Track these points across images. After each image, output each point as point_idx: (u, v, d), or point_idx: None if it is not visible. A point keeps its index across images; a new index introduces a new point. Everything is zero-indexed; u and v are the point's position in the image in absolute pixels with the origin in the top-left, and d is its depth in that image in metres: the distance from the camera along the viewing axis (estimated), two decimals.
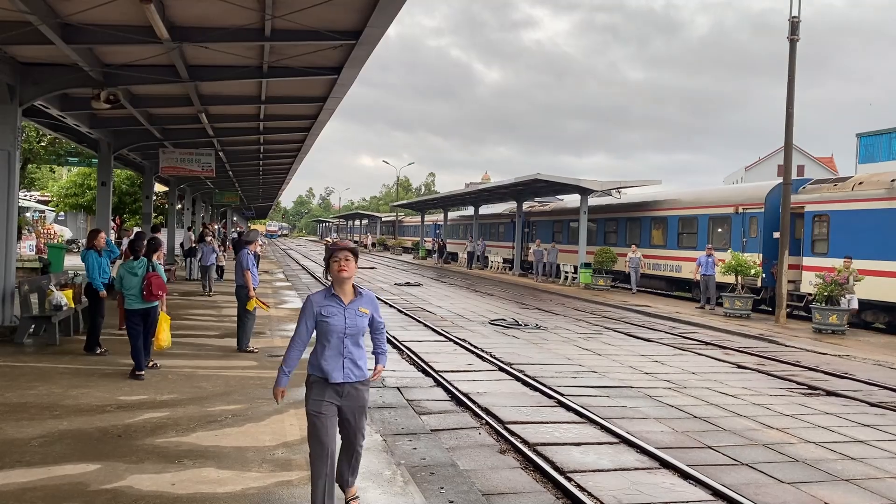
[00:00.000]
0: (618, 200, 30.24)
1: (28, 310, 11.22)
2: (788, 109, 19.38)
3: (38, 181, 46.23)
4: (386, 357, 5.22)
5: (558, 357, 12.83)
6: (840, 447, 7.75)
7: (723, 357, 13.59)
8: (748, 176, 68.47)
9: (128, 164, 24.59)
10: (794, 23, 19.21)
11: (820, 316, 17.24)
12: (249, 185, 40.80)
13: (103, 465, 5.74)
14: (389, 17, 9.43)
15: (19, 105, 11.35)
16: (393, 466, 6.07)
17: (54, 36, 9.41)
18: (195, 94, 13.95)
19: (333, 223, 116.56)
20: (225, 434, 6.75)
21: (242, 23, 9.90)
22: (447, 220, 53.06)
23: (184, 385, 8.73)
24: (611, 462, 6.97)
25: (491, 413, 8.58)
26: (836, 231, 19.15)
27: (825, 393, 10.57)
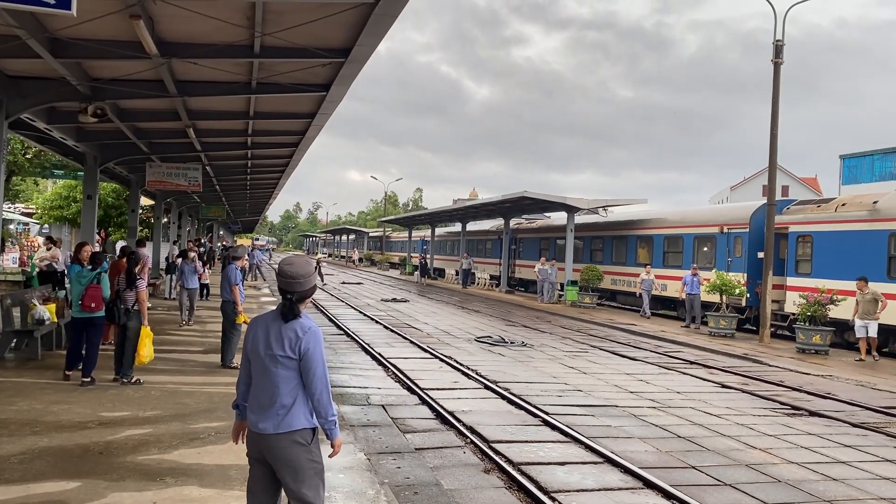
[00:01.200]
0: (604, 219, 30.43)
1: (10, 324, 11.11)
2: (773, 131, 19.61)
3: (23, 193, 45.91)
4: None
5: (544, 375, 12.84)
6: (822, 468, 7.79)
7: (707, 376, 13.65)
8: (733, 196, 69.05)
9: (114, 177, 24.49)
10: (779, 46, 19.49)
11: (803, 336, 17.36)
12: (236, 200, 40.71)
13: (84, 483, 5.68)
14: (379, 35, 9.50)
15: (6, 118, 11.30)
16: (377, 486, 6.05)
17: (43, 50, 9.40)
18: (183, 109, 13.95)
19: (321, 238, 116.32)
20: (207, 451, 6.70)
21: (232, 40, 9.94)
22: (434, 236, 53.11)
23: (167, 401, 8.67)
24: (595, 482, 6.98)
25: (476, 432, 8.57)
26: (819, 252, 19.33)
27: (808, 413, 10.64)
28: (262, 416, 3.76)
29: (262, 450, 3.77)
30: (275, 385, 3.77)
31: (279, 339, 3.78)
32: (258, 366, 3.83)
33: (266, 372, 3.79)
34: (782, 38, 19.47)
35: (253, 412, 3.82)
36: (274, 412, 3.75)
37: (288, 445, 3.74)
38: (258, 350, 3.82)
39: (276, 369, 3.77)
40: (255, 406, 3.82)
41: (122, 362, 9.61)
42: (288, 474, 3.75)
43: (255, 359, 3.85)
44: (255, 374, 3.86)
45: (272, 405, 3.76)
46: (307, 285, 3.87)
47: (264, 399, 3.78)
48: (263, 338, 3.82)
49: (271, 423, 3.74)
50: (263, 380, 3.80)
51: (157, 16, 9.14)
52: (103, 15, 8.47)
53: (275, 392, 3.76)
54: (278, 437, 3.73)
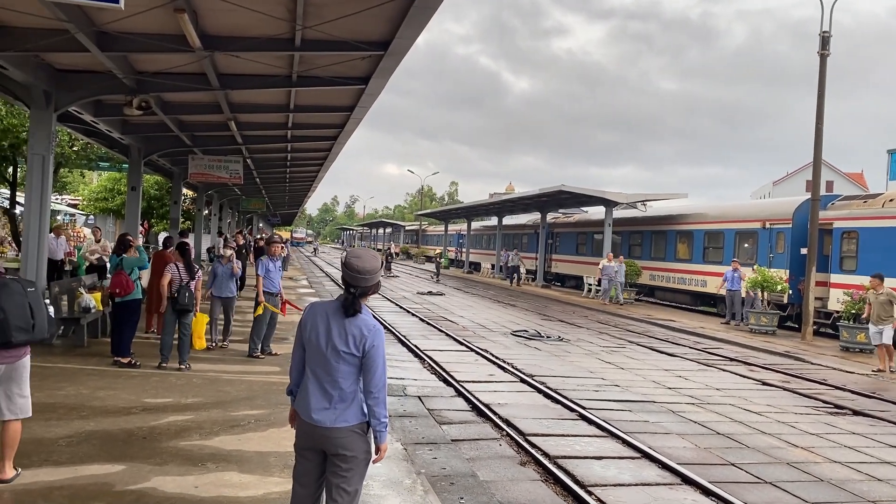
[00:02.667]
0: (643, 213, 30.07)
1: (58, 311, 11.41)
2: (818, 125, 19.19)
3: (70, 185, 47.01)
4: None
5: (580, 370, 12.78)
6: (866, 468, 7.63)
7: (747, 373, 13.45)
8: (776, 191, 67.72)
9: (157, 169, 24.93)
10: (825, 37, 19.05)
11: (847, 334, 16.99)
12: (276, 192, 41.16)
13: (128, 467, 5.82)
14: (418, 28, 9.51)
15: (54, 111, 11.57)
16: (413, 475, 6.09)
17: (90, 44, 9.60)
18: (225, 102, 14.14)
19: (357, 231, 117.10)
20: (248, 438, 6.81)
21: (273, 33, 10.03)
22: (470, 230, 53.09)
23: (208, 389, 8.83)
24: (632, 477, 6.93)
25: (512, 424, 8.57)
26: (865, 248, 18.87)
27: (852, 412, 10.42)
28: (319, 409, 3.72)
29: (317, 440, 3.74)
30: (334, 379, 3.72)
31: (342, 335, 3.71)
32: (318, 358, 3.76)
33: (326, 365, 3.74)
34: (829, 29, 19.03)
35: (308, 403, 3.76)
36: (332, 406, 3.72)
37: (346, 436, 3.71)
38: (319, 342, 3.75)
39: (337, 364, 3.72)
40: (312, 397, 3.75)
41: (181, 350, 9.92)
42: (341, 463, 3.71)
43: (314, 350, 3.77)
44: (312, 365, 3.79)
45: (331, 398, 3.73)
46: (372, 281, 3.77)
47: (322, 391, 3.74)
48: (325, 330, 3.75)
49: (329, 417, 3.71)
50: (322, 372, 3.75)
51: (200, 9, 9.27)
52: (149, 8, 8.62)
53: (334, 386, 3.73)
54: (337, 430, 3.71)
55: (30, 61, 10.71)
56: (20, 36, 9.70)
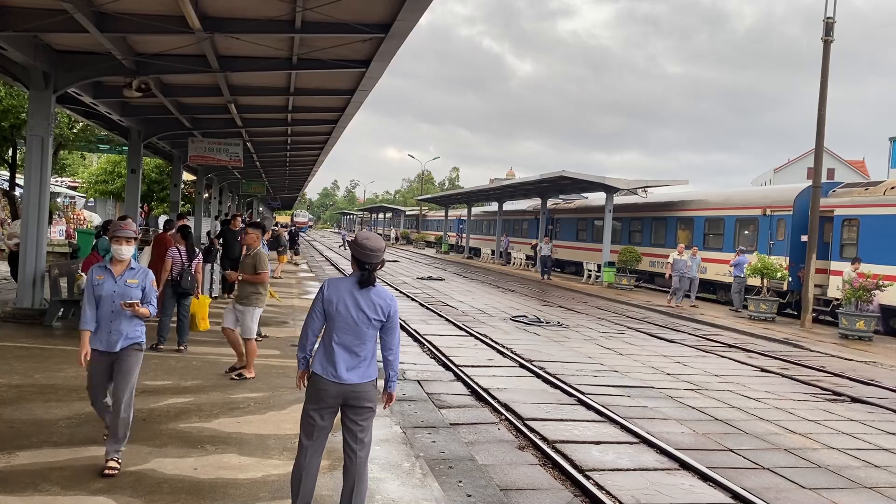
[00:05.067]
0: (644, 199, 30.01)
1: (57, 293, 11.42)
2: (821, 111, 19.12)
3: (69, 167, 46.91)
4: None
5: (579, 355, 12.80)
6: (864, 454, 7.66)
7: (746, 360, 13.47)
8: (777, 178, 67.61)
9: (157, 152, 24.86)
10: (829, 24, 18.93)
11: (846, 321, 17.01)
12: (276, 176, 41.06)
13: (128, 448, 5.81)
14: (420, 10, 9.43)
15: (53, 92, 11.53)
16: (412, 458, 6.10)
17: (89, 24, 9.54)
18: (225, 85, 14.06)
19: (357, 216, 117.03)
20: (247, 421, 6.83)
21: (273, 14, 9.97)
22: (471, 216, 53.04)
23: (207, 371, 8.84)
24: (630, 462, 6.96)
25: (510, 409, 8.59)
26: (865, 236, 18.85)
27: (850, 399, 10.44)
28: (350, 368, 4.34)
29: (345, 396, 4.34)
30: (363, 342, 4.37)
31: (370, 305, 4.36)
32: (348, 326, 4.35)
33: (357, 330, 4.35)
34: (833, 14, 18.91)
35: (337, 365, 4.32)
36: (359, 364, 4.37)
37: (370, 389, 4.41)
38: (350, 313, 4.35)
39: (367, 329, 4.37)
40: (340, 360, 4.33)
41: (180, 332, 9.94)
42: (363, 415, 4.40)
43: (343, 320, 4.35)
44: (340, 332, 4.35)
45: (359, 357, 4.37)
46: (381, 257, 4.43)
47: (351, 354, 4.35)
48: (353, 303, 4.35)
49: (357, 374, 4.35)
50: (351, 337, 4.35)
51: None
52: None
53: (362, 347, 4.37)
54: (364, 384, 4.38)
55: (29, 42, 10.64)
56: (19, 16, 9.64)
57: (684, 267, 22.41)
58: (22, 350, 9.33)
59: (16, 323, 11.10)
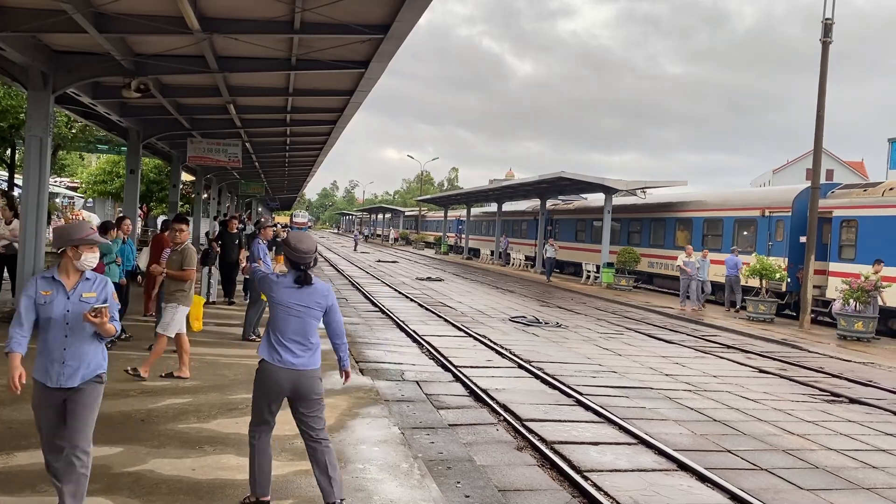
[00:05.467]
0: (643, 200, 30.03)
1: None
2: (819, 113, 19.14)
3: (68, 168, 46.88)
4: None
5: (578, 356, 12.80)
6: (862, 455, 7.66)
7: (745, 361, 13.48)
8: (776, 179, 67.64)
9: (156, 152, 24.85)
10: (828, 25, 18.95)
11: (845, 322, 17.02)
12: (275, 177, 41.04)
13: (126, 449, 5.84)
14: (419, 10, 9.42)
15: (52, 92, 11.50)
16: (410, 459, 6.10)
17: (88, 25, 9.53)
18: (224, 85, 14.05)
19: (357, 216, 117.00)
20: (245, 422, 6.75)
21: (272, 15, 9.96)
22: (470, 216, 53.05)
23: (206, 372, 8.84)
24: (628, 462, 6.96)
25: (509, 410, 8.59)
26: (864, 237, 18.87)
27: (848, 400, 10.45)
28: (296, 355, 4.69)
29: (293, 382, 4.67)
30: (308, 334, 4.75)
31: (311, 300, 4.75)
32: (293, 320, 4.71)
33: (302, 323, 4.73)
34: (832, 16, 18.93)
35: (285, 352, 4.67)
36: (304, 352, 4.73)
37: (316, 376, 4.77)
38: (295, 308, 4.72)
39: (310, 321, 4.77)
40: (287, 348, 4.68)
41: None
42: (310, 400, 4.74)
43: (288, 314, 4.71)
44: (288, 325, 4.70)
45: (305, 348, 4.73)
46: (313, 257, 4.84)
47: (298, 344, 4.71)
48: (294, 298, 4.73)
49: (303, 361, 4.71)
50: (298, 329, 4.72)
51: None
52: None
53: (307, 339, 4.75)
54: (310, 371, 4.72)
55: (27, 42, 10.63)
56: (17, 16, 9.63)
57: (694, 270, 21.53)
58: None
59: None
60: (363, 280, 27.04)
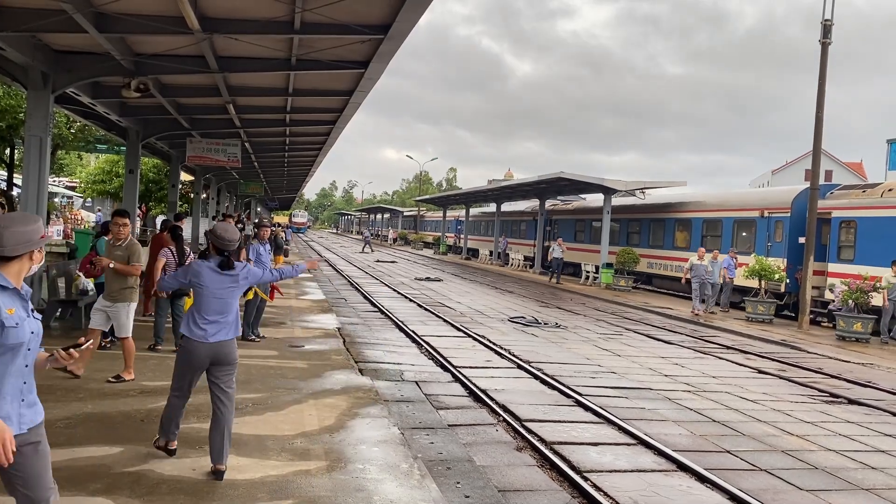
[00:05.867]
0: (642, 201, 30.06)
1: (55, 294, 11.41)
2: (818, 114, 19.16)
3: (67, 167, 46.84)
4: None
5: (577, 356, 12.81)
6: (861, 456, 7.67)
7: (744, 362, 13.49)
8: (775, 180, 67.69)
9: (155, 152, 24.85)
10: (827, 26, 18.97)
11: (844, 323, 17.04)
12: (274, 177, 41.06)
13: (126, 449, 5.84)
14: (419, 11, 9.44)
15: (52, 92, 11.51)
16: (410, 460, 6.11)
17: (88, 25, 9.54)
18: (223, 85, 14.06)
19: (356, 216, 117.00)
20: (245, 422, 6.82)
21: (272, 15, 9.97)
22: (469, 217, 53.07)
23: None
24: (628, 463, 6.97)
25: (508, 410, 8.60)
26: (863, 238, 18.90)
27: (847, 401, 10.46)
28: (217, 330, 5.37)
29: (213, 355, 5.35)
30: (227, 311, 5.45)
31: (232, 279, 5.50)
32: (215, 300, 5.40)
33: (222, 303, 5.43)
34: (831, 17, 18.95)
35: (206, 328, 5.34)
36: (226, 324, 5.42)
37: (232, 346, 5.48)
38: (217, 289, 5.43)
39: (231, 300, 5.51)
40: (210, 323, 5.36)
41: (176, 332, 9.91)
42: (228, 367, 5.46)
43: (211, 294, 5.40)
44: (210, 304, 5.39)
45: (226, 319, 5.42)
46: (236, 245, 5.57)
47: (219, 317, 5.40)
48: (217, 280, 5.44)
49: (222, 335, 5.39)
50: (218, 307, 5.41)
51: None
52: None
53: (226, 315, 5.44)
54: (227, 342, 5.42)
55: (27, 42, 10.63)
56: (17, 16, 9.64)
57: (704, 272, 20.65)
58: None
59: None
60: (362, 280, 27.03)
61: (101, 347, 9.66)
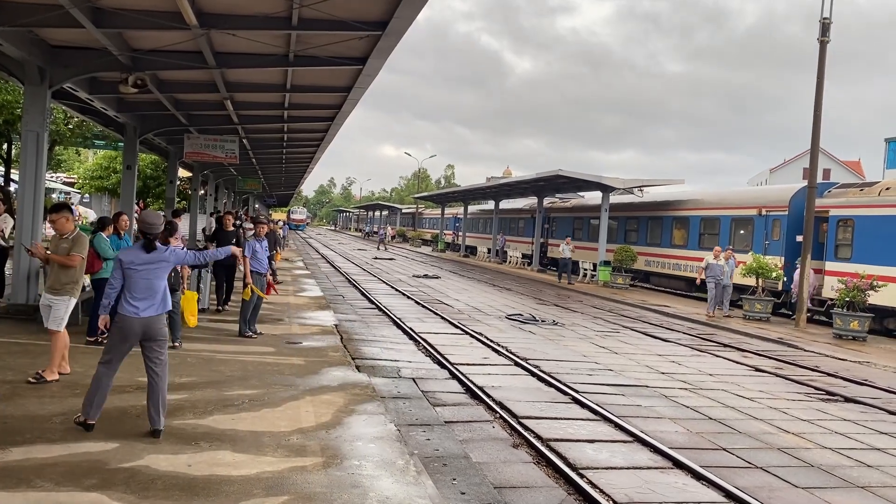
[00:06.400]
0: (640, 199, 30.06)
1: None
2: (816, 112, 19.15)
3: (65, 163, 46.80)
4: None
5: (574, 354, 12.81)
6: (857, 454, 7.68)
7: (741, 359, 13.51)
8: (773, 178, 67.79)
9: (153, 148, 24.83)
10: (825, 24, 18.96)
11: (841, 321, 17.06)
12: (272, 173, 41.02)
13: (122, 444, 5.83)
14: (417, 7, 9.42)
15: (49, 87, 11.49)
16: (406, 456, 6.10)
17: (85, 20, 9.51)
18: (221, 81, 14.04)
19: (354, 213, 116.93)
20: (241, 418, 6.82)
21: (270, 11, 9.96)
22: (467, 214, 53.05)
23: (202, 368, 8.83)
24: (624, 460, 6.97)
25: (505, 407, 8.60)
26: (860, 236, 18.91)
27: (843, 399, 10.48)
28: (147, 306, 6.03)
29: (144, 329, 6.02)
30: (155, 288, 6.11)
31: (156, 259, 6.13)
32: (143, 280, 6.04)
33: (149, 281, 6.08)
34: (830, 15, 18.94)
35: (137, 305, 6.00)
36: (155, 301, 6.09)
37: (161, 321, 6.19)
38: (144, 269, 6.07)
39: (159, 280, 6.15)
40: (140, 300, 6.01)
41: (172, 329, 9.90)
42: (159, 341, 6.16)
43: (141, 275, 6.05)
44: (139, 284, 6.03)
45: (154, 297, 6.09)
46: (158, 230, 6.21)
47: (148, 294, 6.06)
48: (143, 261, 6.08)
49: (152, 310, 6.06)
50: (146, 285, 6.06)
51: None
52: None
53: (154, 293, 6.10)
54: (159, 317, 6.13)
55: (24, 37, 10.61)
56: (14, 10, 9.61)
57: (720, 272, 19.78)
58: (16, 346, 9.30)
59: (10, 319, 11.06)
60: (360, 277, 27.02)
61: (98, 343, 9.64)
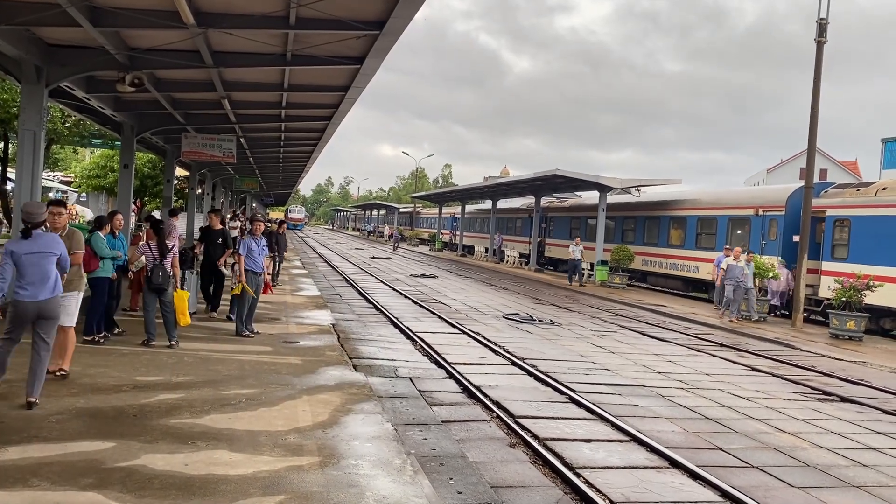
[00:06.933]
0: (637, 199, 30.07)
1: None
2: (813, 112, 19.18)
3: (62, 162, 46.71)
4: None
5: (571, 353, 12.83)
6: (852, 454, 7.70)
7: (737, 359, 13.53)
8: (770, 178, 67.85)
9: (150, 147, 24.78)
10: (822, 25, 18.97)
11: (837, 321, 17.09)
12: (270, 172, 40.99)
13: (118, 444, 5.82)
14: (415, 6, 9.42)
15: (46, 86, 11.46)
16: (403, 456, 6.11)
17: (82, 18, 9.50)
18: (218, 80, 14.03)
19: (352, 213, 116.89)
20: (238, 417, 6.82)
21: (268, 10, 9.95)
22: (465, 213, 53.04)
23: (199, 368, 8.83)
24: (620, 460, 6.98)
25: (502, 406, 8.61)
26: (857, 236, 18.94)
27: (839, 399, 10.50)
28: (41, 290, 6.53)
29: (39, 311, 6.56)
30: (47, 273, 6.60)
31: (42, 247, 6.60)
32: (35, 267, 6.52)
33: (41, 267, 6.56)
34: (826, 16, 18.96)
35: (31, 290, 6.48)
36: (48, 286, 6.59)
37: (55, 303, 6.71)
38: (34, 256, 6.52)
39: (49, 265, 6.64)
40: (34, 286, 6.50)
41: (167, 328, 9.89)
42: (49, 320, 6.69)
43: (33, 262, 6.51)
44: (33, 269, 6.49)
45: (47, 282, 6.58)
46: (39, 218, 6.72)
47: (41, 280, 6.54)
48: (27, 249, 6.52)
49: (47, 293, 6.58)
50: (39, 271, 6.54)
51: None
52: None
53: (46, 277, 6.59)
54: (53, 299, 6.66)
55: (21, 35, 10.59)
56: (11, 9, 9.59)
57: (741, 274, 18.50)
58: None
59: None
60: (357, 276, 27.02)
61: (95, 342, 9.65)
